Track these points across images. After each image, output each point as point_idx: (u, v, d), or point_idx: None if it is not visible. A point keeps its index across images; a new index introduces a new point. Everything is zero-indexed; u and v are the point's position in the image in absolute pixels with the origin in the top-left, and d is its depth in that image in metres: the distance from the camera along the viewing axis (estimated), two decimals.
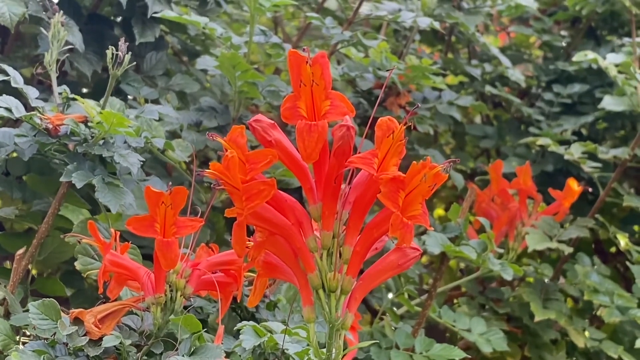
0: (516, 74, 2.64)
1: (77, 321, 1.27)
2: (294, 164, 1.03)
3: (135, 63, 1.60)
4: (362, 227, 1.03)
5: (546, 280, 2.37)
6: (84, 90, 2.18)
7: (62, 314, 1.29)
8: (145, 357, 1.28)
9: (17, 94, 1.60)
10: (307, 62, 0.98)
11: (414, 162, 0.97)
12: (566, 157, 2.34)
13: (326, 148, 1.00)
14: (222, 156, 1.00)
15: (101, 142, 1.56)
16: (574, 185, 2.37)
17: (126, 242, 1.38)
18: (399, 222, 0.95)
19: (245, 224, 0.99)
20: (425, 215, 0.98)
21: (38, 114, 1.54)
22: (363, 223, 1.03)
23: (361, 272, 1.05)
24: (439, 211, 3.08)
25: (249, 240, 1.05)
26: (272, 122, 1.02)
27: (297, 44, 2.38)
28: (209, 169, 1.00)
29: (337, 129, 0.99)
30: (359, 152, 0.99)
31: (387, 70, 2.13)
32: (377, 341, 1.91)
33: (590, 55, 2.32)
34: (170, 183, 1.32)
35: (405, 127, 0.98)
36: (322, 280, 1.01)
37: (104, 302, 1.33)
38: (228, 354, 1.32)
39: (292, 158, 1.02)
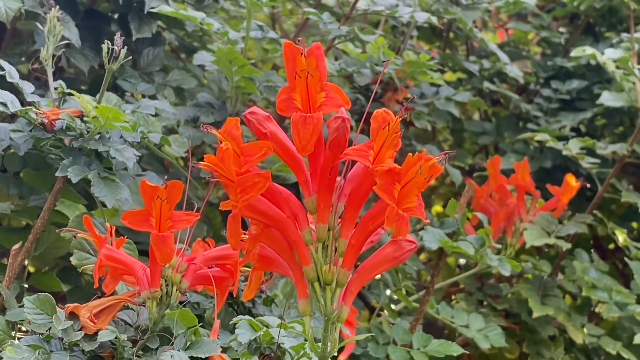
0: (514, 70, 2.63)
1: (72, 316, 1.26)
2: (289, 157, 1.02)
3: (131, 58, 1.60)
4: (358, 219, 1.03)
5: (544, 276, 2.36)
6: (82, 87, 2.17)
7: (58, 308, 1.29)
8: (140, 352, 1.28)
9: (13, 89, 1.60)
10: (302, 53, 0.98)
11: (410, 154, 0.96)
12: (564, 152, 2.33)
13: (321, 140, 0.99)
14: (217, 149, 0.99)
15: (97, 136, 1.56)
16: (572, 181, 2.36)
17: (122, 237, 1.37)
18: (395, 215, 0.95)
19: (240, 217, 0.99)
20: (421, 207, 0.98)
21: (34, 109, 1.54)
22: (359, 216, 1.03)
23: (356, 266, 1.05)
24: (437, 208, 3.07)
25: (244, 234, 1.04)
26: (267, 114, 1.02)
27: (294, 40, 2.37)
28: None
29: (332, 120, 0.98)
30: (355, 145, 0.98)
31: (384, 62, 2.12)
32: (374, 334, 1.91)
33: (589, 50, 2.32)
34: (167, 178, 1.31)
35: (401, 120, 0.98)
36: (318, 273, 1.00)
37: (100, 297, 1.32)
38: (224, 349, 1.31)
39: (287, 150, 1.02)
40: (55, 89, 1.64)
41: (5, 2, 1.74)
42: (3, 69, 1.59)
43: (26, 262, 1.66)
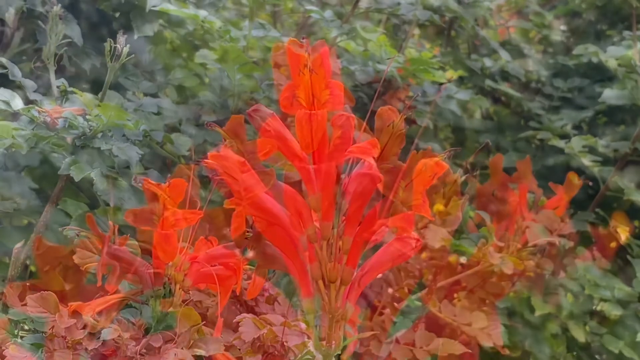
0: (516, 68, 2.63)
1: (75, 314, 1.26)
2: (293, 154, 1.02)
3: (133, 55, 1.60)
4: (362, 217, 1.02)
5: (547, 274, 2.36)
6: (83, 86, 2.17)
7: (61, 307, 1.28)
8: (144, 350, 1.27)
9: (15, 88, 1.60)
10: (306, 50, 0.97)
11: (414, 151, 0.96)
12: (567, 151, 2.33)
13: (325, 138, 0.99)
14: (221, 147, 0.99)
15: (100, 135, 1.56)
16: (574, 180, 2.35)
17: (124, 235, 1.37)
18: (400, 212, 0.95)
19: (244, 215, 0.98)
20: (425, 204, 0.97)
21: (36, 107, 1.54)
22: (363, 213, 1.02)
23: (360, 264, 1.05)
24: (439, 206, 3.06)
25: (248, 232, 1.04)
26: (272, 112, 1.02)
27: (297, 38, 2.37)
28: None
29: (336, 118, 0.98)
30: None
31: (388, 59, 2.12)
32: (377, 333, 1.91)
33: (591, 48, 2.32)
34: (170, 176, 1.31)
35: (404, 118, 0.98)
36: (322, 271, 1.00)
37: (103, 296, 1.32)
38: (227, 347, 1.31)
39: (291, 148, 1.01)
40: (57, 87, 1.64)
41: (7, 0, 1.73)
42: (5, 67, 1.59)
43: (27, 261, 1.66)
